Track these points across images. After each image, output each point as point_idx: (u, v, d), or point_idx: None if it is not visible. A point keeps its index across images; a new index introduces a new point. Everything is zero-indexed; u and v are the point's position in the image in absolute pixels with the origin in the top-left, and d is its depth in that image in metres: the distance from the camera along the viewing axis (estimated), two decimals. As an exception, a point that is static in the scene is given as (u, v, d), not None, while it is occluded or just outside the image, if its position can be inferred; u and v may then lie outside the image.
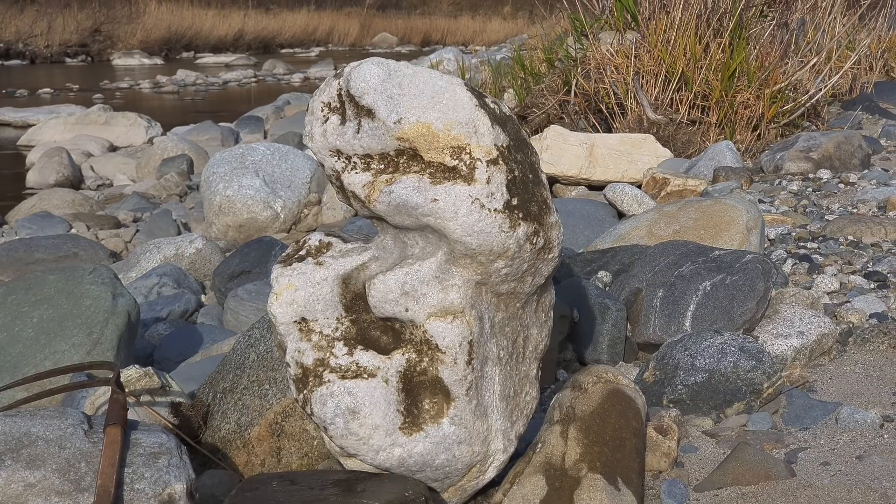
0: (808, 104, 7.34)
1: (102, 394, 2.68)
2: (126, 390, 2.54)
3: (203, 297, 4.90)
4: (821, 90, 7.40)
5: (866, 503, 2.44)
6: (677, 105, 6.96)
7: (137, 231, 6.88)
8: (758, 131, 6.91)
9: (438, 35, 41.96)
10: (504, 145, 2.23)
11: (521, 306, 2.39)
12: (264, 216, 6.35)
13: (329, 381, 2.27)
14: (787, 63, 7.49)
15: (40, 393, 2.49)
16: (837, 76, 7.64)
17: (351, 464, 2.35)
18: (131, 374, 2.70)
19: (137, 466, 2.11)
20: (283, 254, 2.44)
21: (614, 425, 2.49)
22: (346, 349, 2.30)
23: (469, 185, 2.17)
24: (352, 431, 2.26)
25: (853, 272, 4.06)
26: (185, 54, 34.59)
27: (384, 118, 2.19)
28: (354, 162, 2.27)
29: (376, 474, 2.32)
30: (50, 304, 3.30)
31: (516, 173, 2.23)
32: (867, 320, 3.56)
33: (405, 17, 44.99)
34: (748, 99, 6.83)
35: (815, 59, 7.47)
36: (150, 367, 2.75)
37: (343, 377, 2.27)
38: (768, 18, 7.91)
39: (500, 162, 2.20)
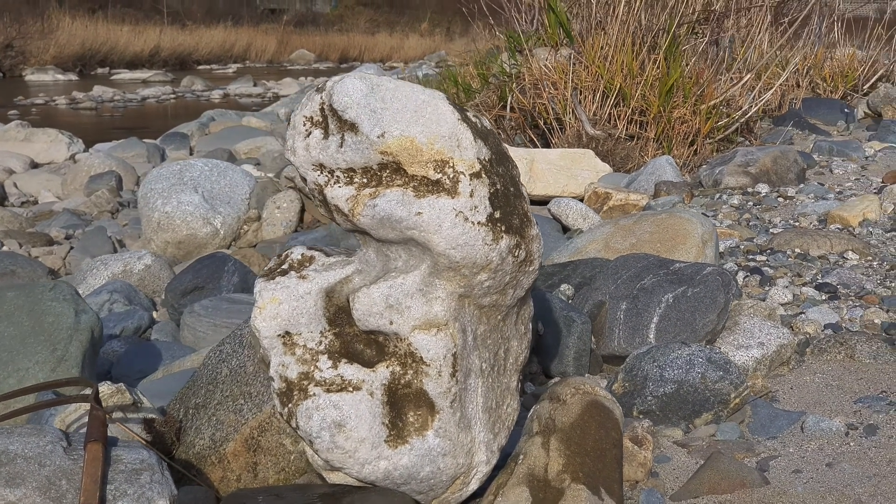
0: (742, 120, 7.46)
1: (74, 411, 2.63)
2: (101, 407, 2.50)
3: (155, 314, 4.84)
4: (752, 107, 7.52)
5: (843, 509, 2.49)
6: (615, 120, 7.03)
7: (72, 248, 6.76)
8: (694, 146, 7.00)
9: (356, 52, 41.86)
10: (486, 159, 2.24)
11: (502, 318, 2.40)
12: (204, 232, 6.27)
13: (314, 394, 2.26)
14: (721, 80, 7.60)
15: (15, 411, 2.44)
16: (769, 93, 7.77)
17: (334, 477, 2.34)
18: (104, 391, 2.66)
19: (119, 483, 2.09)
20: (266, 268, 2.43)
21: (595, 436, 2.50)
22: (330, 362, 2.29)
23: (453, 198, 2.18)
24: (338, 445, 2.25)
25: (804, 284, 4.13)
26: (100, 70, 34.09)
27: (367, 132, 2.19)
28: (338, 176, 2.26)
29: (361, 488, 2.31)
30: (10, 321, 3.23)
31: (498, 186, 2.25)
32: (822, 331, 3.63)
33: (322, 33, 44.82)
34: (685, 114, 6.92)
35: (746, 77, 7.59)
36: (121, 384, 2.71)
37: (328, 390, 2.26)
38: (699, 36, 8.02)
39: (483, 175, 2.22)
